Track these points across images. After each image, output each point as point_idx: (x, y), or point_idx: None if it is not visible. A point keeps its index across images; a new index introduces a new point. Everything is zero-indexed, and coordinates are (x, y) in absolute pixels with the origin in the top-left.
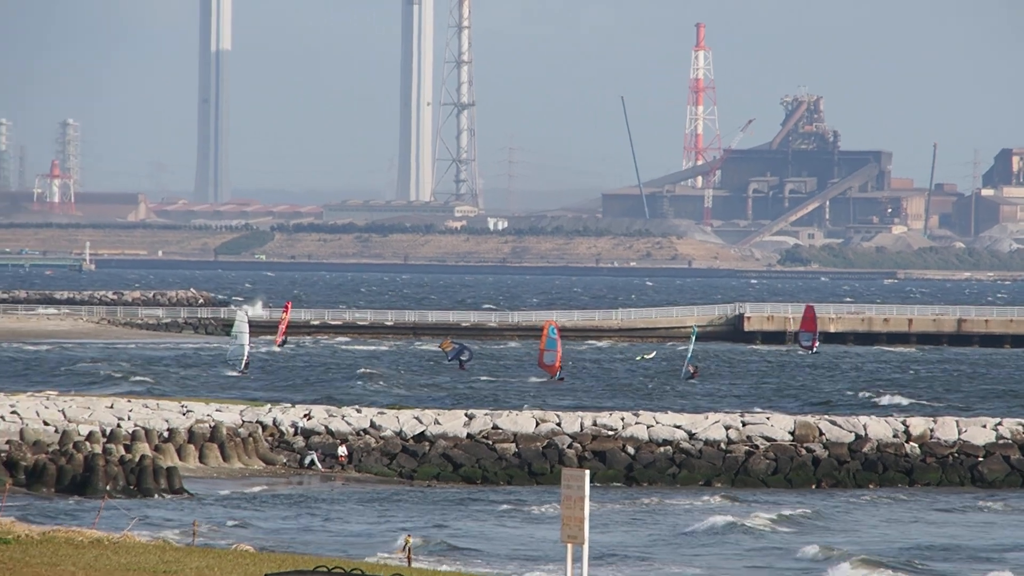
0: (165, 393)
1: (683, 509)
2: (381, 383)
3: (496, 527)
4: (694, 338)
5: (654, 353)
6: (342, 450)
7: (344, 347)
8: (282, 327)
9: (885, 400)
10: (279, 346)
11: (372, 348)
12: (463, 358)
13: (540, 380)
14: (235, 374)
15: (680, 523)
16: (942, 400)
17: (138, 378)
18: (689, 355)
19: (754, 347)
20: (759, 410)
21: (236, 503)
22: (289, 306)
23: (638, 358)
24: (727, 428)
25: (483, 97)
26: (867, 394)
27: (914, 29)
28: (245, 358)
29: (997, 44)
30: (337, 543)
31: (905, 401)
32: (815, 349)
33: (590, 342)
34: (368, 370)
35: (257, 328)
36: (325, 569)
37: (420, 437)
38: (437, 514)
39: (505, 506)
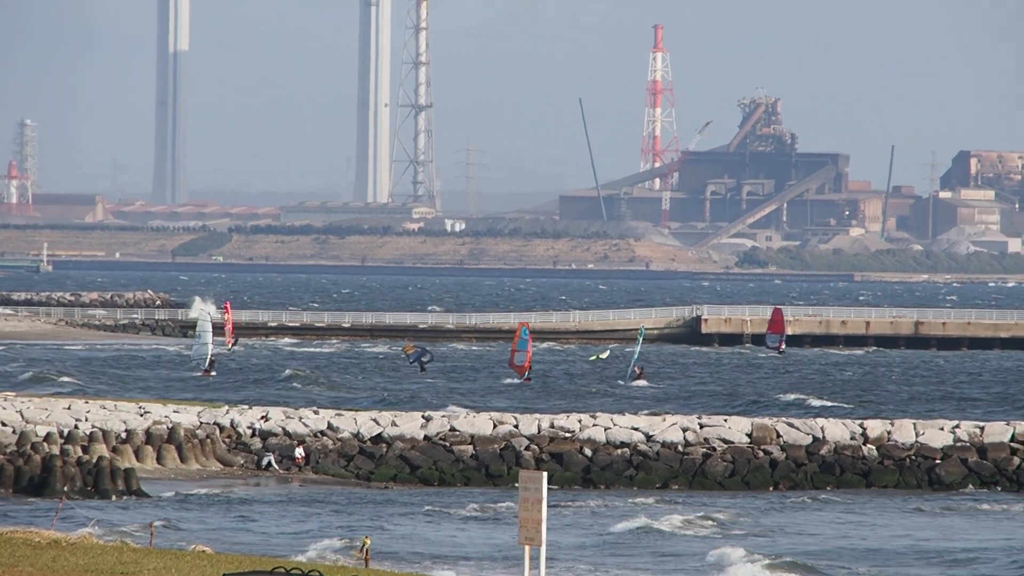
0: (99, 393)
1: (616, 512)
2: (317, 385)
3: (432, 528)
4: (640, 339)
5: (608, 352)
6: (299, 451)
7: (297, 348)
8: (229, 327)
9: (816, 403)
10: (230, 347)
11: (330, 350)
12: (424, 360)
13: (502, 382)
14: (197, 374)
15: (603, 525)
16: (885, 403)
17: (66, 379)
18: (635, 357)
19: (700, 349)
20: (665, 414)
21: (193, 504)
22: (229, 306)
23: (591, 358)
24: (684, 430)
25: (441, 98)
26: (798, 396)
27: (871, 32)
28: (209, 358)
29: (955, 47)
30: (290, 544)
31: (835, 404)
32: (782, 350)
33: (548, 344)
34: (296, 371)
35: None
36: (283, 570)
37: (377, 439)
38: (397, 516)
39: (428, 507)
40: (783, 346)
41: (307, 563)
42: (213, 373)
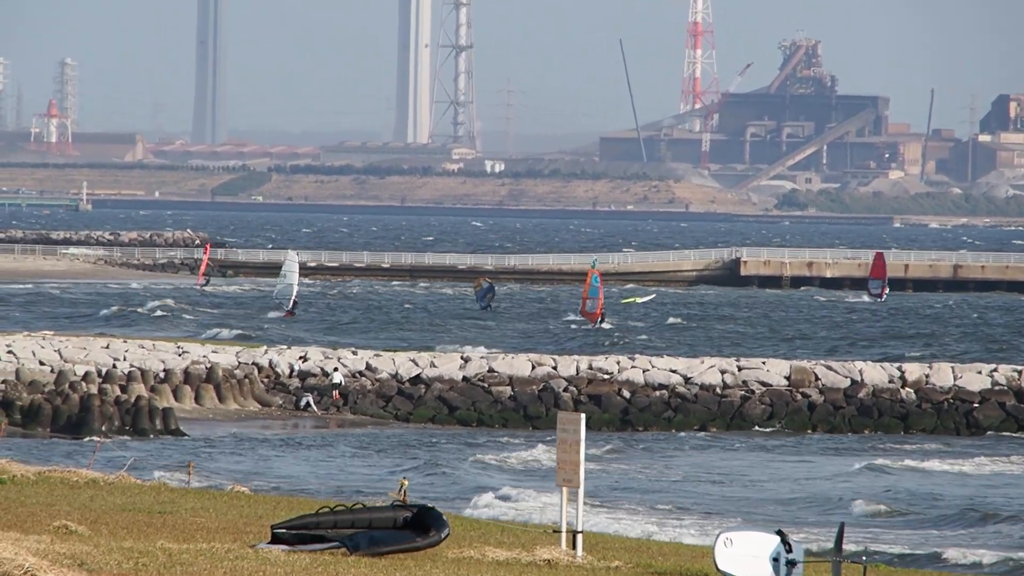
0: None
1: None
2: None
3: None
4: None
5: (651, 296)
6: (337, 377)
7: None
8: (202, 267)
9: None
10: (201, 285)
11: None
12: (489, 297)
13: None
14: (280, 314)
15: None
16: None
17: None
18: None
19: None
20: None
21: (232, 444)
22: (208, 247)
23: (624, 300)
24: (723, 372)
25: (481, 39)
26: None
27: None
28: (293, 298)
29: None
30: (330, 485)
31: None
32: (884, 296)
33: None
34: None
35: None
36: (328, 508)
37: (416, 380)
38: (436, 457)
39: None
40: (886, 291)
41: (352, 502)
42: (296, 314)
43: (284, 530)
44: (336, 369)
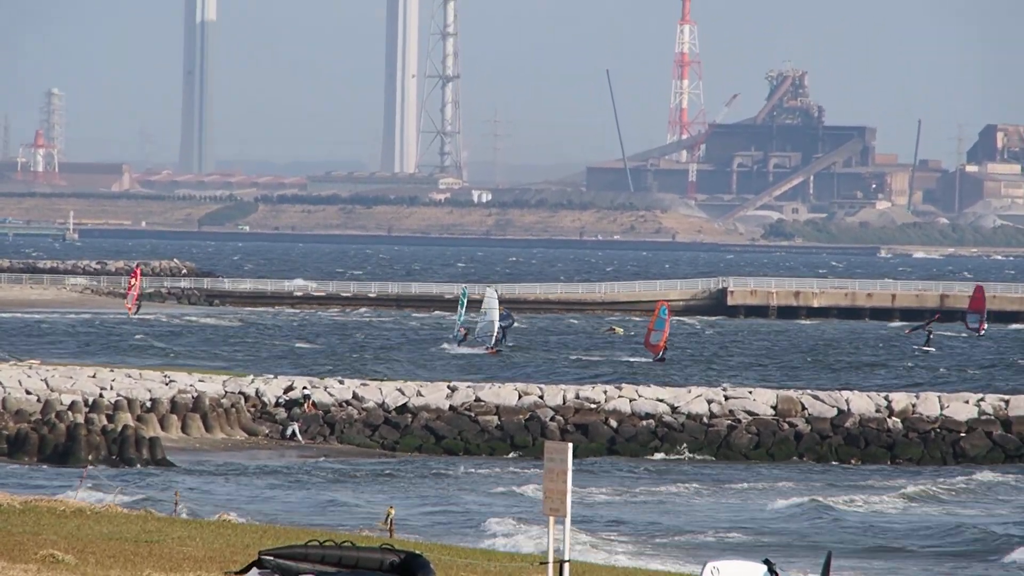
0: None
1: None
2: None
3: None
4: (465, 300)
5: (623, 329)
6: (306, 391)
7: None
8: (134, 294)
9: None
10: (133, 313)
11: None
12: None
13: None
14: (483, 351)
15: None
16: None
17: None
18: (460, 319)
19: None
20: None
21: (218, 473)
22: (138, 272)
23: (604, 330)
24: (709, 402)
25: (468, 69)
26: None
27: (899, 4)
28: (495, 335)
29: (981, 19)
30: (314, 514)
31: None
32: (983, 331)
33: (573, 316)
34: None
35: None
36: (317, 543)
37: (402, 409)
38: (417, 486)
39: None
40: (984, 326)
41: (340, 534)
42: (499, 350)
43: (271, 557)
44: (305, 387)
